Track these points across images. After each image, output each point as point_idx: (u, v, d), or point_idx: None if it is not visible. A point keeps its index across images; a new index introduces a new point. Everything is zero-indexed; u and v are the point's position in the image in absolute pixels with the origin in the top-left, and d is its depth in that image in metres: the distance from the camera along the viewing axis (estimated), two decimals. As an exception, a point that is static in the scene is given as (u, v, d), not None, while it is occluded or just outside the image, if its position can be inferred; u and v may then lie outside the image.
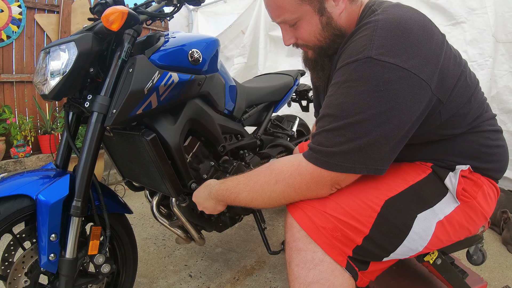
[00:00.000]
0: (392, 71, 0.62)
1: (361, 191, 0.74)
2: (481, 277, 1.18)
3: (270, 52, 3.10)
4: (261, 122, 1.65)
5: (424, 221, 0.75)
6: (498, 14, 1.97)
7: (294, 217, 0.74)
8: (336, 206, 0.73)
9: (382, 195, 0.74)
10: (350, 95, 0.65)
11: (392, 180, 0.77)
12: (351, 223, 0.71)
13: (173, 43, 1.06)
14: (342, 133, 0.65)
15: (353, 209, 0.72)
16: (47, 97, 0.90)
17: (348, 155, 0.66)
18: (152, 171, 1.06)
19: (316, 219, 0.72)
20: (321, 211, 0.72)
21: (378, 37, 0.64)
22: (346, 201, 0.73)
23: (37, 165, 2.67)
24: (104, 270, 0.98)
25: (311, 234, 0.71)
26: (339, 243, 0.71)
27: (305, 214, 0.73)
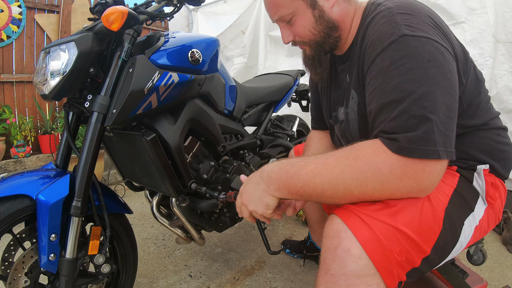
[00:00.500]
0: (430, 44, 0.62)
1: (419, 199, 0.65)
2: (481, 277, 1.17)
3: (270, 52, 3.10)
4: (261, 122, 1.65)
5: (468, 228, 0.71)
6: (498, 14, 1.97)
7: (356, 234, 0.59)
8: (405, 218, 0.62)
9: (441, 203, 0.67)
10: (402, 75, 0.61)
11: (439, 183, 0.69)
12: (417, 241, 0.62)
13: (173, 43, 1.06)
14: (411, 113, 0.59)
15: (420, 222, 0.62)
16: (47, 97, 0.90)
17: (429, 136, 0.58)
18: (152, 171, 1.06)
19: (385, 239, 0.59)
20: (391, 226, 0.60)
21: (401, 19, 0.65)
22: (414, 211, 0.63)
23: (37, 165, 2.67)
24: (104, 270, 0.98)
25: (375, 260, 0.58)
26: (399, 267, 0.61)
27: (372, 232, 0.59)
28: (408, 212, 0.62)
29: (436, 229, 0.64)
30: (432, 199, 0.66)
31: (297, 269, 1.51)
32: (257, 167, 1.50)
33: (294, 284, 1.40)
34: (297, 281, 1.42)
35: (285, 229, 1.92)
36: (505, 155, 0.81)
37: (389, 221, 0.61)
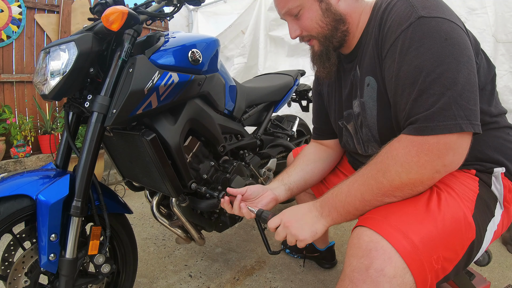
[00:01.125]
0: (446, 23, 0.65)
1: (449, 205, 0.65)
2: (484, 277, 1.16)
3: (270, 52, 3.10)
4: (261, 122, 1.65)
5: (489, 233, 0.71)
6: (498, 14, 1.97)
7: (393, 243, 0.58)
8: (441, 225, 0.62)
9: (467, 209, 0.67)
10: (421, 55, 0.64)
11: (460, 190, 0.70)
12: (451, 249, 0.62)
13: (173, 43, 1.06)
14: (431, 92, 0.62)
15: (453, 230, 0.63)
16: (47, 97, 0.90)
17: (447, 111, 0.60)
18: (152, 171, 1.06)
19: (422, 247, 0.58)
20: (428, 235, 0.60)
21: (417, 2, 0.67)
22: (447, 218, 0.63)
23: (37, 165, 2.67)
24: (104, 270, 0.98)
25: (413, 269, 0.57)
26: (434, 275, 0.60)
27: (409, 241, 0.58)
28: (440, 219, 0.63)
29: (470, 236, 0.65)
30: (462, 206, 0.67)
31: (297, 269, 1.51)
32: (257, 167, 1.50)
33: (294, 284, 1.40)
34: (297, 281, 1.42)
35: (285, 229, 1.92)
36: None
37: (424, 230, 0.61)
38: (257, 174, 1.48)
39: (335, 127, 1.02)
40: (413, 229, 0.61)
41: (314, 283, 1.40)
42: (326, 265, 1.51)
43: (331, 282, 1.41)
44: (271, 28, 3.01)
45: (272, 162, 1.60)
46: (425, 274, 0.59)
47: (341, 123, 0.96)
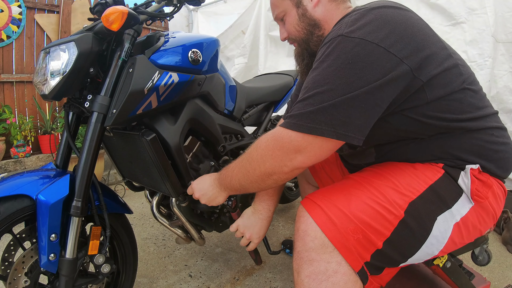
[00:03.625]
0: (361, 46, 0.66)
1: (385, 190, 0.73)
2: (484, 277, 1.18)
3: (271, 52, 3.10)
4: (261, 122, 1.65)
5: (442, 224, 0.74)
6: (498, 14, 1.97)
7: (313, 217, 0.70)
8: (360, 205, 0.71)
9: (405, 197, 0.73)
10: (321, 69, 0.70)
11: (412, 179, 0.76)
12: (374, 225, 0.69)
13: (173, 43, 1.06)
14: (310, 101, 0.69)
15: (377, 209, 0.70)
16: (47, 97, 0.90)
17: (313, 115, 0.67)
18: (152, 171, 1.06)
19: (337, 219, 0.69)
20: (343, 210, 0.70)
21: (353, 19, 0.71)
22: (371, 200, 0.72)
23: (37, 165, 2.67)
24: (104, 270, 0.98)
25: (331, 237, 0.67)
26: (359, 246, 0.68)
27: (325, 214, 0.70)
28: (363, 200, 0.71)
29: (396, 216, 0.71)
30: (401, 190, 0.73)
31: (297, 269, 1.51)
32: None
33: (294, 284, 1.40)
34: (297, 281, 1.42)
35: (285, 229, 1.92)
36: (501, 154, 0.81)
37: (341, 206, 0.70)
38: (257, 174, 1.48)
39: None
40: (333, 207, 0.71)
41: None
42: None
43: (331, 282, 1.41)
44: (271, 28, 3.01)
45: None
46: (344, 241, 0.67)
47: None
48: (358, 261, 0.68)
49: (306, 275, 0.68)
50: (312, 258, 0.68)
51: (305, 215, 0.72)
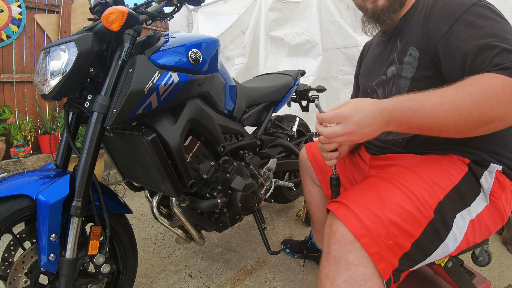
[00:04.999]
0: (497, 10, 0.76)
1: (416, 189, 0.73)
2: (484, 277, 1.19)
3: (271, 53, 3.10)
4: (261, 122, 1.65)
5: (460, 221, 0.75)
6: (498, 14, 1.97)
7: (345, 222, 0.69)
8: (394, 207, 0.70)
9: (435, 196, 0.73)
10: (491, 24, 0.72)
11: (439, 177, 0.77)
12: (405, 227, 0.69)
13: (173, 43, 1.06)
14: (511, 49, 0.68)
15: (409, 210, 0.70)
16: (47, 97, 0.90)
17: None
18: (152, 171, 1.06)
19: (370, 223, 0.68)
20: (376, 213, 0.69)
21: None
22: (403, 200, 0.71)
23: (37, 165, 2.67)
24: (104, 270, 0.98)
25: (364, 244, 0.66)
26: (390, 252, 0.68)
27: (358, 218, 0.68)
28: (395, 201, 0.71)
29: (426, 216, 0.71)
30: (431, 189, 0.74)
31: (297, 269, 1.51)
32: (257, 167, 1.50)
33: (294, 284, 1.40)
34: (297, 281, 1.42)
35: (285, 229, 1.92)
36: None
37: (374, 208, 0.69)
38: (257, 174, 1.48)
39: (364, 93, 1.07)
40: (365, 210, 0.70)
41: (314, 283, 1.40)
42: None
43: (331, 282, 1.41)
44: (272, 28, 3.01)
45: (272, 162, 1.60)
46: (377, 249, 0.66)
47: (371, 89, 1.02)
48: (387, 268, 0.68)
49: (344, 280, 0.66)
50: (350, 262, 0.66)
51: (338, 219, 0.70)
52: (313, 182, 1.35)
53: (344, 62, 2.69)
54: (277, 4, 2.89)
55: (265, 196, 1.58)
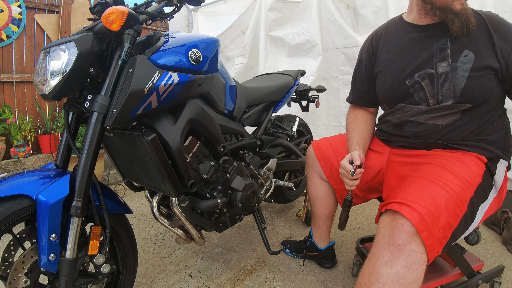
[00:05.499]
0: None
1: (455, 188, 0.86)
2: (478, 257, 1.32)
3: (271, 53, 3.10)
4: (261, 122, 1.65)
5: (480, 211, 0.91)
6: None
7: (410, 218, 0.80)
8: (442, 204, 0.82)
9: (468, 192, 0.88)
10: None
11: (469, 176, 0.91)
12: (450, 221, 0.83)
13: (173, 43, 1.06)
14: None
15: (452, 206, 0.83)
16: (47, 97, 0.90)
17: None
18: (152, 171, 1.06)
19: (429, 220, 0.79)
20: (432, 211, 0.80)
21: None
22: (448, 198, 0.84)
23: (37, 165, 2.67)
24: (104, 270, 0.98)
25: (424, 237, 0.78)
26: (439, 242, 0.81)
27: (420, 216, 0.80)
28: (443, 200, 0.83)
29: (462, 210, 0.85)
30: (464, 186, 0.88)
31: (297, 269, 1.51)
32: (257, 167, 1.50)
33: (294, 284, 1.40)
34: (297, 281, 1.42)
35: (285, 229, 1.92)
36: None
37: (431, 207, 0.81)
38: (257, 174, 1.48)
39: (391, 86, 1.14)
40: (423, 209, 0.80)
41: (314, 283, 1.40)
42: (326, 265, 1.50)
43: (331, 282, 1.41)
44: (271, 28, 3.01)
45: (272, 162, 1.60)
46: (432, 241, 0.79)
47: (410, 81, 1.08)
48: (434, 256, 0.81)
49: (404, 265, 0.77)
50: (412, 250, 0.78)
51: (402, 215, 0.81)
52: (320, 177, 1.38)
53: (344, 62, 2.69)
54: (277, 4, 2.89)
55: (265, 196, 1.58)
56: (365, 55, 1.27)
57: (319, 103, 2.12)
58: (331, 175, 1.33)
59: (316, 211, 1.44)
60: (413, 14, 1.12)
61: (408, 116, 1.11)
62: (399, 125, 1.15)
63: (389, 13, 2.34)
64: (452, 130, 1.03)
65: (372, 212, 2.10)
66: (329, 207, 1.41)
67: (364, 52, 1.28)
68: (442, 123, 1.04)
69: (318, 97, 2.08)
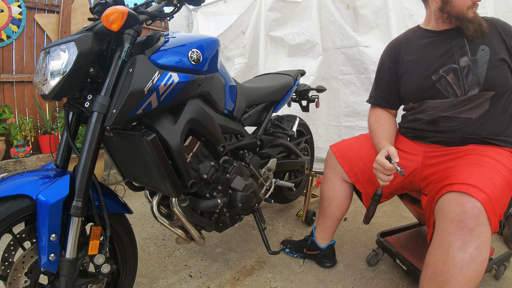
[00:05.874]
0: None
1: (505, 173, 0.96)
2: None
3: (271, 53, 3.10)
4: (261, 122, 1.65)
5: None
6: (498, 14, 1.97)
7: (480, 199, 0.85)
8: (498, 187, 0.90)
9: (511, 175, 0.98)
10: None
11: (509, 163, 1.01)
12: (505, 201, 0.92)
13: (173, 43, 1.06)
14: None
15: (505, 189, 0.92)
16: (47, 97, 0.90)
17: None
18: (152, 171, 1.06)
19: (494, 200, 0.86)
20: (495, 193, 0.88)
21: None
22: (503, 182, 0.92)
23: (37, 165, 2.67)
24: (104, 270, 0.98)
25: (490, 217, 0.84)
26: (497, 219, 0.88)
27: (488, 197, 0.86)
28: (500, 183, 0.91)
29: (509, 194, 0.95)
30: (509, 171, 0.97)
31: (297, 269, 1.51)
32: (257, 167, 1.50)
33: (294, 284, 1.40)
34: (297, 281, 1.42)
35: (285, 229, 1.92)
36: None
37: (494, 188, 0.88)
38: (257, 174, 1.48)
39: (419, 84, 1.22)
40: (489, 190, 0.87)
41: (314, 283, 1.40)
42: (326, 264, 1.50)
43: (331, 282, 1.41)
44: (271, 28, 3.01)
45: (272, 162, 1.60)
46: (495, 219, 0.85)
47: (436, 76, 1.18)
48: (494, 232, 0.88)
49: (476, 247, 0.83)
50: (481, 231, 0.83)
51: (472, 196, 0.86)
52: (342, 179, 1.39)
53: (344, 62, 2.69)
54: (277, 4, 2.89)
55: (265, 196, 1.58)
56: (388, 58, 1.35)
57: (319, 103, 2.12)
58: (358, 179, 1.34)
59: (330, 211, 1.44)
60: (431, 24, 1.23)
61: (440, 112, 1.18)
62: (433, 122, 1.20)
63: (389, 13, 2.34)
64: (484, 122, 1.12)
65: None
66: (344, 210, 1.43)
67: (387, 56, 1.36)
68: (474, 116, 1.12)
69: (318, 97, 2.08)
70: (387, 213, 2.08)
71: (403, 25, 2.31)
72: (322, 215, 1.48)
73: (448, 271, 0.84)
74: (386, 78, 1.35)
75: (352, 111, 2.72)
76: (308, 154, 2.26)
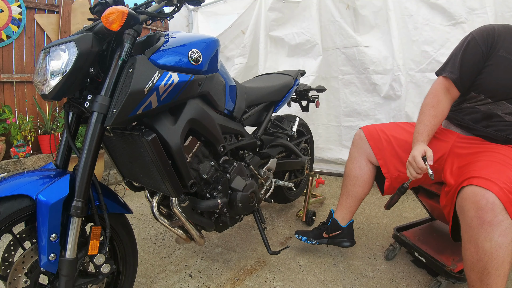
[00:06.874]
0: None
1: None
2: None
3: (271, 53, 3.10)
4: (261, 122, 1.65)
5: None
6: (498, 14, 1.97)
7: (493, 191, 0.93)
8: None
9: None
10: None
11: None
12: None
13: (173, 43, 1.06)
14: None
15: None
16: (47, 97, 0.90)
17: None
18: (152, 171, 1.06)
19: (509, 192, 0.94)
20: (508, 184, 0.95)
21: None
22: None
23: (37, 165, 2.67)
24: (104, 270, 0.98)
25: (508, 207, 0.92)
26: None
27: (503, 191, 0.93)
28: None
29: None
30: None
31: (297, 269, 1.51)
32: (257, 167, 1.50)
33: (294, 284, 1.40)
34: (297, 281, 1.42)
35: (285, 229, 1.92)
36: None
37: (509, 183, 0.95)
38: (257, 174, 1.48)
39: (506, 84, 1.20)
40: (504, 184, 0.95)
41: (314, 283, 1.40)
42: (346, 243, 1.52)
43: (331, 282, 1.41)
44: (271, 28, 3.01)
45: (272, 162, 1.60)
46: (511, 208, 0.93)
47: None
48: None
49: (500, 234, 0.92)
50: (500, 220, 0.92)
51: (489, 191, 0.94)
52: (367, 159, 1.42)
53: (344, 62, 2.69)
54: (277, 4, 2.89)
55: (265, 196, 1.58)
56: (483, 43, 1.24)
57: (319, 103, 2.13)
58: (385, 163, 1.37)
59: (354, 190, 1.46)
60: None
61: (499, 110, 1.20)
62: (488, 116, 1.22)
63: (389, 13, 2.34)
64: None
65: (371, 212, 2.10)
66: (367, 190, 1.45)
67: (482, 41, 1.24)
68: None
69: (318, 97, 2.09)
70: (387, 213, 2.08)
71: (403, 25, 2.32)
72: (345, 194, 1.50)
73: (482, 259, 0.97)
74: (474, 60, 1.24)
75: (352, 111, 2.72)
76: (308, 154, 2.26)
